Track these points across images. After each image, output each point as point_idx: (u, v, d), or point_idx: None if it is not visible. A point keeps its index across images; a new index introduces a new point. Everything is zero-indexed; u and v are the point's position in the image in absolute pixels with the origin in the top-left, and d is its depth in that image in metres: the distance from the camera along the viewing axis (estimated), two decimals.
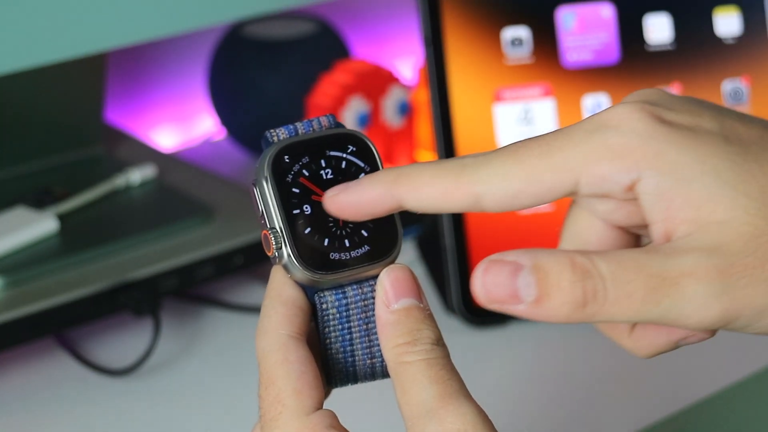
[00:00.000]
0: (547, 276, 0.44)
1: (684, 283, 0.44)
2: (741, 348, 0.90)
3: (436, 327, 0.49)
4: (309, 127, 0.52)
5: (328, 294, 0.50)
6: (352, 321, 0.50)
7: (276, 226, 0.49)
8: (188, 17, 0.84)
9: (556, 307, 0.44)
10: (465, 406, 0.47)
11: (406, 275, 0.50)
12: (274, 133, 0.51)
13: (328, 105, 1.03)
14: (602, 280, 0.44)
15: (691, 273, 0.44)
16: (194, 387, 0.86)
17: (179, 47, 1.24)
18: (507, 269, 0.45)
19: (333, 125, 0.52)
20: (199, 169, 1.05)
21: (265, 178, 0.50)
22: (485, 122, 0.93)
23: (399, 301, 0.49)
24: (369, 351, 0.51)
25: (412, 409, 0.47)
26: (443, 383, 0.47)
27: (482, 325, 0.92)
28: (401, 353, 0.48)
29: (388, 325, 0.49)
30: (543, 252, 0.45)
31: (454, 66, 0.93)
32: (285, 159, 0.50)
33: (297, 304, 0.50)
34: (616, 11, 0.95)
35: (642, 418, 0.82)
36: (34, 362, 0.89)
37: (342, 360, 0.51)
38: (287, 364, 0.48)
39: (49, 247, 0.90)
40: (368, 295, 0.50)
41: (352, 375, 0.51)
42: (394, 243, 0.51)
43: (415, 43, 1.34)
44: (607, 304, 0.44)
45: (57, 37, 0.78)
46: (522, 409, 0.84)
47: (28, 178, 1.00)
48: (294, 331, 0.49)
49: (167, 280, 0.89)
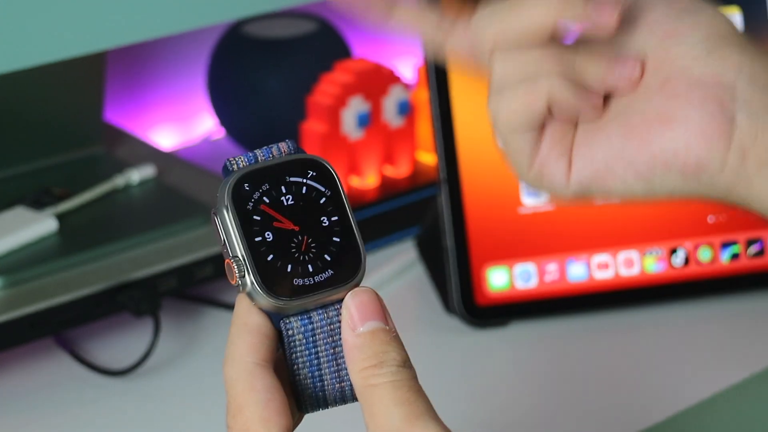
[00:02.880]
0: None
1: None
2: (741, 349, 0.90)
3: (403, 349, 0.49)
4: (268, 154, 0.52)
5: (293, 320, 0.50)
6: (319, 346, 0.50)
7: (238, 255, 0.50)
8: (188, 17, 0.83)
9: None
10: (431, 427, 0.47)
11: (371, 298, 0.50)
12: (234, 161, 0.52)
13: (329, 104, 1.02)
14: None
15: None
16: (194, 387, 0.86)
17: (179, 46, 1.24)
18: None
19: (293, 151, 0.52)
20: (199, 168, 1.04)
21: (226, 207, 0.50)
22: (486, 122, 0.92)
23: (364, 324, 0.49)
24: (337, 375, 0.51)
25: (380, 431, 0.47)
26: (409, 405, 0.47)
27: (482, 326, 0.92)
28: (367, 376, 0.48)
29: (354, 349, 0.49)
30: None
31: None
32: (245, 187, 0.50)
33: (263, 332, 0.50)
34: None
35: (642, 419, 0.82)
36: (34, 362, 0.89)
37: (311, 385, 0.51)
38: (254, 392, 0.49)
39: (49, 247, 0.90)
40: (334, 320, 0.50)
41: (322, 400, 0.51)
42: (358, 266, 0.51)
43: (415, 43, 1.34)
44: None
45: (57, 37, 0.78)
46: (522, 409, 0.84)
47: (27, 178, 1.00)
48: (260, 359, 0.50)
49: (167, 280, 0.89)
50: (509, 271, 0.93)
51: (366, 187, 1.05)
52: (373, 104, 1.04)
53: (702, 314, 0.94)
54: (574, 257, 0.93)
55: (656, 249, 0.94)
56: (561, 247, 0.93)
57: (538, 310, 0.93)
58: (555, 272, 0.93)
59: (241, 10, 0.87)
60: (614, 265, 0.94)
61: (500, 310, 0.92)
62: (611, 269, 0.94)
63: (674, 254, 0.94)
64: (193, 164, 1.05)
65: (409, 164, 1.08)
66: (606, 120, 0.55)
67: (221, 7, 0.85)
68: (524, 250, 0.93)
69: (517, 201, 0.93)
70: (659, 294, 0.94)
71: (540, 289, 0.93)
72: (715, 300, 0.95)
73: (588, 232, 0.93)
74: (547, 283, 0.93)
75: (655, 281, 0.94)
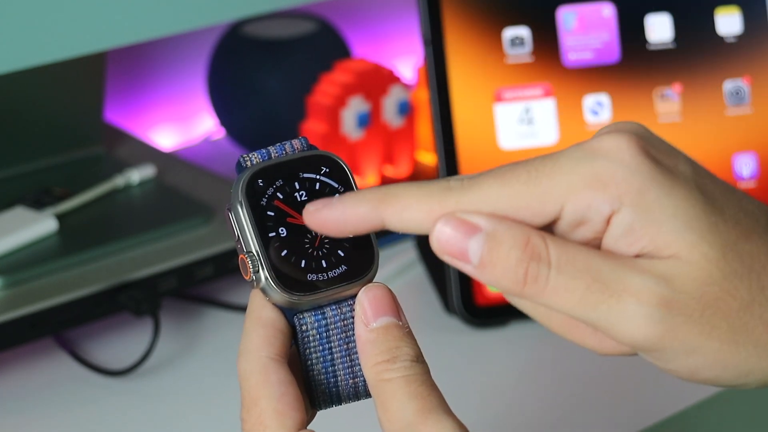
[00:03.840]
0: (499, 246, 0.46)
1: (626, 300, 0.46)
2: None
3: (415, 344, 0.50)
4: (282, 151, 0.52)
5: (307, 315, 0.50)
6: (333, 342, 0.51)
7: (252, 250, 0.50)
8: (188, 17, 0.83)
9: (497, 277, 0.46)
10: (444, 420, 0.47)
11: (384, 294, 0.50)
12: (247, 157, 0.52)
13: (329, 104, 1.02)
14: (548, 268, 0.46)
15: (636, 293, 0.46)
16: (194, 387, 0.86)
17: (179, 47, 1.24)
18: (464, 228, 0.46)
19: (306, 148, 0.52)
20: (199, 168, 1.04)
21: (240, 203, 0.50)
22: (486, 122, 0.93)
23: (378, 319, 0.49)
24: (351, 371, 0.51)
25: (393, 426, 0.47)
26: (422, 399, 0.47)
27: (482, 326, 0.92)
28: (380, 371, 0.48)
29: (368, 344, 0.49)
30: (505, 223, 0.46)
31: (454, 66, 0.93)
32: (259, 183, 0.50)
33: (276, 327, 0.50)
34: (616, 11, 0.95)
35: (642, 419, 0.82)
36: (34, 362, 0.89)
37: (324, 381, 0.51)
38: (268, 386, 0.49)
39: (49, 247, 0.90)
40: (347, 315, 0.51)
41: (335, 396, 0.51)
42: (371, 262, 0.51)
43: (415, 43, 1.34)
44: (547, 291, 0.46)
45: (57, 37, 0.78)
46: (522, 409, 0.84)
47: (27, 178, 1.00)
48: (274, 353, 0.50)
49: (167, 280, 0.89)
50: None
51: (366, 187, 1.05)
52: (373, 104, 1.04)
53: None
54: None
55: None
56: None
57: None
58: None
59: (241, 10, 0.87)
60: None
61: (500, 310, 0.92)
62: None
63: None
64: (193, 164, 1.05)
65: (409, 164, 1.08)
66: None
67: (221, 7, 0.85)
68: None
69: None
70: None
71: None
72: None
73: None
74: None
75: None
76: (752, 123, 0.96)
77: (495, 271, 0.46)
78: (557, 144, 0.93)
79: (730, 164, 0.95)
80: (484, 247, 0.46)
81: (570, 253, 0.46)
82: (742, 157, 0.95)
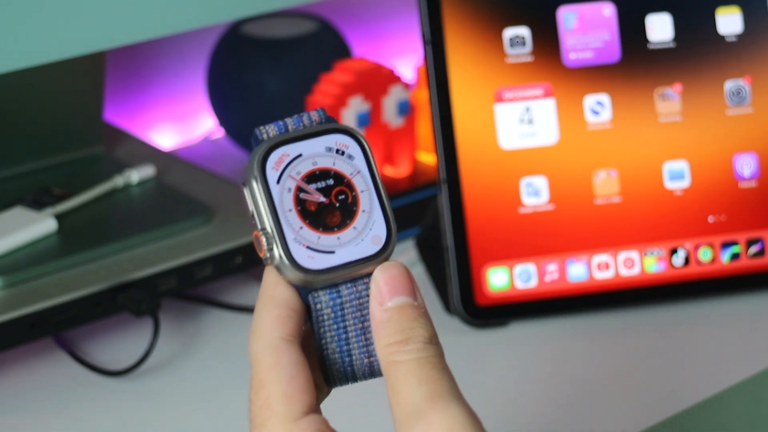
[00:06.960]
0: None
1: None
2: (741, 349, 0.90)
3: (431, 325, 0.49)
4: (299, 123, 0.51)
5: (322, 294, 0.49)
6: (348, 320, 0.50)
7: (267, 227, 0.49)
8: (188, 17, 0.83)
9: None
10: (454, 407, 0.47)
11: (400, 272, 0.49)
12: (264, 130, 0.50)
13: (329, 104, 1.02)
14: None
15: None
16: (193, 387, 0.86)
17: (179, 46, 1.24)
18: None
19: (324, 119, 0.51)
20: (199, 168, 1.04)
21: (255, 178, 0.49)
22: (486, 122, 0.93)
23: (392, 299, 0.49)
24: (366, 350, 0.50)
25: (402, 409, 0.47)
26: (433, 383, 0.47)
27: (482, 326, 0.92)
28: (393, 352, 0.48)
29: (382, 324, 0.48)
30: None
31: (454, 66, 0.92)
32: (275, 157, 0.50)
33: (290, 306, 0.49)
34: (617, 10, 0.95)
35: (642, 419, 0.82)
36: (33, 362, 0.89)
37: (339, 360, 0.50)
38: (279, 368, 0.48)
39: (48, 247, 0.90)
40: (363, 294, 0.50)
41: (350, 374, 0.51)
42: (388, 240, 0.50)
43: (415, 43, 1.34)
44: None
45: (57, 37, 0.78)
46: (522, 409, 0.84)
47: (27, 178, 1.00)
48: (287, 334, 0.49)
49: (166, 280, 0.89)
50: (509, 271, 0.93)
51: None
52: (373, 104, 1.04)
53: (702, 314, 0.94)
54: (574, 257, 0.93)
55: (656, 249, 0.94)
56: (561, 247, 0.93)
57: (538, 310, 0.93)
58: (555, 272, 0.93)
59: (241, 10, 0.87)
60: (614, 265, 0.94)
61: (500, 310, 0.92)
62: (611, 269, 0.94)
63: (674, 254, 0.94)
64: (192, 164, 1.05)
65: (409, 164, 1.07)
66: None
67: (221, 7, 0.85)
68: (524, 250, 0.93)
69: (517, 201, 0.93)
70: (659, 294, 0.94)
71: (540, 289, 0.93)
72: (716, 300, 0.95)
73: (588, 232, 0.93)
74: (547, 283, 0.93)
75: (656, 281, 0.94)
76: (753, 123, 0.96)
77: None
78: (557, 144, 0.93)
79: (731, 164, 0.95)
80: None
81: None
82: (743, 157, 0.95)
